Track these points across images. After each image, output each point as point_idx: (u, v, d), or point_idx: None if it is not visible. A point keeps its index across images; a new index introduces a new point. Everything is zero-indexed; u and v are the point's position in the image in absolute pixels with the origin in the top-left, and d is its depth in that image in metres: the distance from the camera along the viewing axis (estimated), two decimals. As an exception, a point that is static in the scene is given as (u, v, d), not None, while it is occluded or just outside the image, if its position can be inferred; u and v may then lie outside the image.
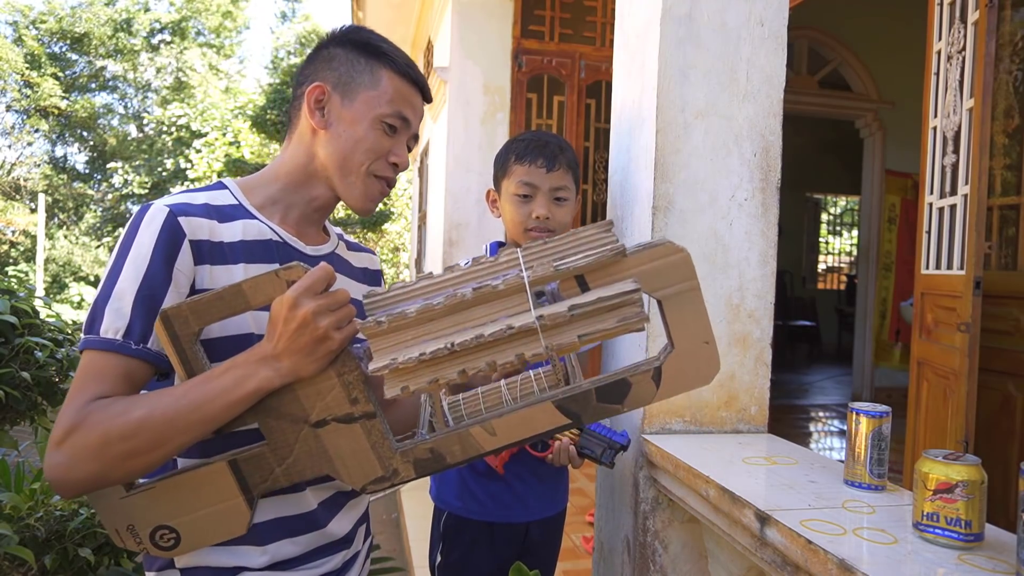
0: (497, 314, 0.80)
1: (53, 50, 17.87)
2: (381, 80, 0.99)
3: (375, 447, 0.86)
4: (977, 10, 2.40)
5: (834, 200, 11.00)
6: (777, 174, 1.54)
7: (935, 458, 0.95)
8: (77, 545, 1.83)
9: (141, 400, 0.82)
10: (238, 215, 0.95)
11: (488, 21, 3.90)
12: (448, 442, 0.85)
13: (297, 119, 1.02)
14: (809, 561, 0.94)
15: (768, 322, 1.54)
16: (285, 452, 0.86)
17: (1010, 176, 2.85)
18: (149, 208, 0.89)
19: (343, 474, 0.86)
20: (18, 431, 2.02)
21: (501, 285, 0.79)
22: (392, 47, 1.02)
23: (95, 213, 17.56)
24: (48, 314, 2.03)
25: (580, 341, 0.79)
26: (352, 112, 0.98)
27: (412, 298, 0.82)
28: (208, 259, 0.89)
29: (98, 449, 0.79)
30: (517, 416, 0.84)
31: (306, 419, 0.85)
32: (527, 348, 0.79)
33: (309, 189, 1.02)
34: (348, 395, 0.85)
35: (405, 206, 11.16)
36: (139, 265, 0.85)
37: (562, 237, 0.82)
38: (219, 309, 0.83)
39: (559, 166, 1.50)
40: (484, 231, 3.85)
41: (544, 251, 0.82)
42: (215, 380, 0.81)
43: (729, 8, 1.50)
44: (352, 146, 0.98)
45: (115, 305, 0.84)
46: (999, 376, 2.63)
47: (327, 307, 0.80)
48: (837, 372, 7.85)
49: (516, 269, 0.81)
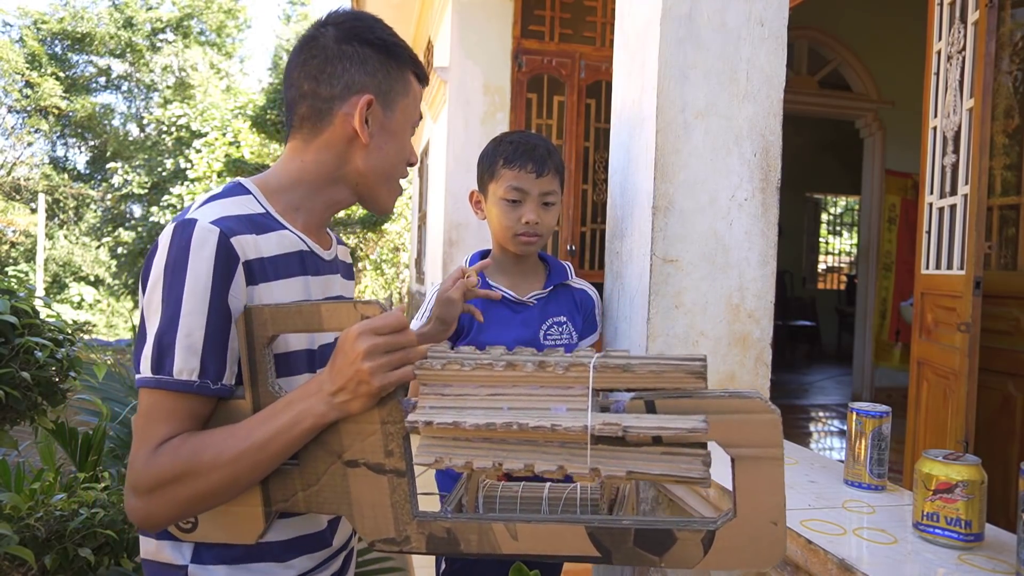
0: (550, 405, 0.75)
1: (54, 50, 17.87)
2: (410, 86, 1.00)
3: (395, 507, 0.83)
4: (977, 10, 2.40)
5: (834, 200, 11.00)
6: (777, 174, 1.54)
7: (935, 458, 0.95)
8: (77, 545, 1.83)
9: (209, 441, 0.81)
10: (270, 225, 0.92)
11: (488, 21, 3.90)
12: (467, 529, 0.81)
13: (326, 123, 0.96)
14: (809, 561, 0.94)
15: (768, 322, 1.54)
16: (311, 479, 0.85)
17: (1010, 176, 2.85)
18: (194, 227, 0.83)
19: (358, 522, 0.85)
20: (18, 431, 2.02)
21: (566, 373, 0.74)
22: (405, 44, 1.01)
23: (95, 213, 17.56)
24: (48, 314, 2.03)
25: (627, 478, 0.73)
26: (394, 123, 0.98)
27: (468, 382, 0.78)
28: (258, 278, 0.87)
29: (172, 493, 0.80)
30: (545, 529, 0.78)
31: (340, 455, 0.84)
32: (570, 463, 0.73)
33: (331, 193, 0.99)
34: (385, 445, 0.83)
35: (405, 206, 11.16)
36: (201, 298, 0.82)
37: (646, 359, 0.74)
38: (295, 323, 0.84)
39: (548, 170, 1.50)
40: (484, 231, 3.83)
41: (621, 374, 0.74)
42: (275, 418, 0.82)
43: (729, 8, 1.50)
44: (394, 159, 0.99)
45: (185, 343, 0.81)
46: (999, 376, 2.63)
47: (381, 348, 0.79)
48: (837, 372, 7.84)
49: (583, 385, 0.74)
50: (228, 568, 0.89)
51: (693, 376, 0.73)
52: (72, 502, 1.93)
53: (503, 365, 0.76)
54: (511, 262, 1.58)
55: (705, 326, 1.50)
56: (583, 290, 1.62)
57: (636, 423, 0.71)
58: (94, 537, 1.85)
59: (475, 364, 0.77)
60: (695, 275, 1.50)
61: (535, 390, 0.75)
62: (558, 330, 1.56)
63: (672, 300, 1.48)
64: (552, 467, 0.73)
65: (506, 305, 1.55)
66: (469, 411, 0.76)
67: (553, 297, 1.57)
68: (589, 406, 0.73)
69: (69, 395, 2.04)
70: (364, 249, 11.33)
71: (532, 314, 1.54)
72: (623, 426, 0.71)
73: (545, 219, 1.51)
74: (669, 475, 0.72)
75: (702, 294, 1.50)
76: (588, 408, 0.73)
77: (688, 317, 1.49)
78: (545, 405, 0.74)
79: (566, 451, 0.74)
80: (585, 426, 0.72)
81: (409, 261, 8.86)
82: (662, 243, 1.48)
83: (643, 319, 1.49)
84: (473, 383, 0.78)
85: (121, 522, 1.91)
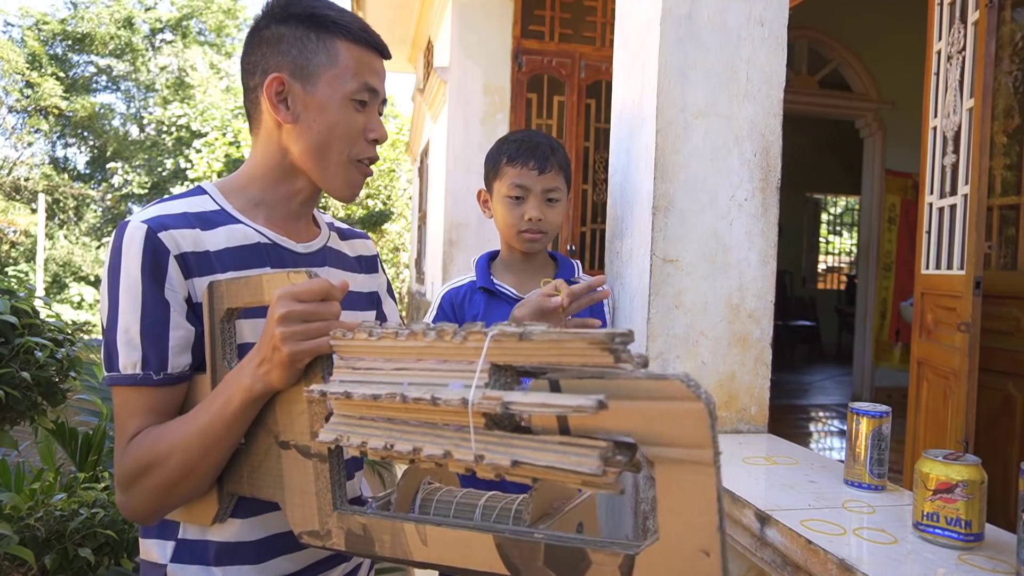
0: (448, 381, 0.65)
1: (54, 51, 17.88)
2: (339, 54, 0.92)
3: (319, 495, 0.78)
4: (977, 10, 2.40)
5: (834, 200, 11.00)
6: (777, 174, 1.54)
7: (935, 458, 0.95)
8: (77, 545, 1.83)
9: (165, 432, 0.83)
10: (220, 220, 0.91)
11: (488, 21, 3.90)
12: (381, 528, 0.74)
13: (258, 114, 0.95)
14: (809, 561, 0.94)
15: (768, 322, 1.54)
16: (254, 461, 0.84)
17: (1010, 176, 2.85)
18: (126, 228, 0.85)
19: (288, 511, 0.81)
20: (18, 431, 2.02)
21: (464, 342, 0.64)
22: (339, 11, 0.94)
23: (95, 213, 17.56)
24: (48, 314, 2.03)
25: (513, 470, 0.60)
26: (317, 98, 0.92)
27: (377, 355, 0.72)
28: (196, 271, 0.86)
29: (142, 485, 0.83)
30: (454, 535, 0.70)
31: (276, 436, 0.82)
32: (458, 448, 0.63)
33: (289, 185, 0.97)
34: (311, 426, 0.79)
35: (405, 206, 11.16)
36: (134, 294, 0.84)
37: (552, 332, 0.61)
38: (243, 295, 0.83)
39: (551, 167, 1.50)
40: (484, 231, 3.85)
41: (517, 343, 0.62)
42: (216, 399, 0.82)
43: (729, 8, 1.50)
44: (327, 135, 0.93)
45: (124, 339, 0.84)
46: (999, 376, 2.63)
47: (298, 315, 0.76)
48: (837, 372, 7.85)
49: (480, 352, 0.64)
50: (203, 569, 0.88)
51: (597, 347, 0.57)
52: (72, 502, 1.93)
53: (406, 334, 0.68)
54: (519, 260, 1.58)
55: (705, 326, 1.50)
56: None
57: (520, 399, 0.59)
58: (94, 537, 1.85)
59: (380, 335, 0.70)
60: (695, 275, 1.50)
61: (438, 365, 0.66)
62: None
63: (672, 300, 1.48)
64: (439, 452, 0.64)
65: (509, 303, 1.55)
66: (367, 384, 0.69)
67: None
68: (475, 378, 0.62)
69: (69, 395, 2.04)
70: (364, 249, 11.33)
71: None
72: (503, 400, 0.59)
73: (549, 216, 1.51)
74: (556, 467, 0.58)
75: (702, 294, 1.50)
76: (474, 382, 0.62)
77: (688, 317, 1.49)
78: (444, 381, 0.65)
79: (458, 436, 0.63)
80: (464, 399, 0.61)
81: (409, 261, 8.86)
82: (662, 243, 1.48)
83: (643, 319, 1.49)
84: (382, 356, 0.71)
85: (121, 522, 1.91)
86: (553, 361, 0.60)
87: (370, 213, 10.89)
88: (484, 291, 1.56)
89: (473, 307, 1.56)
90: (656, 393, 0.56)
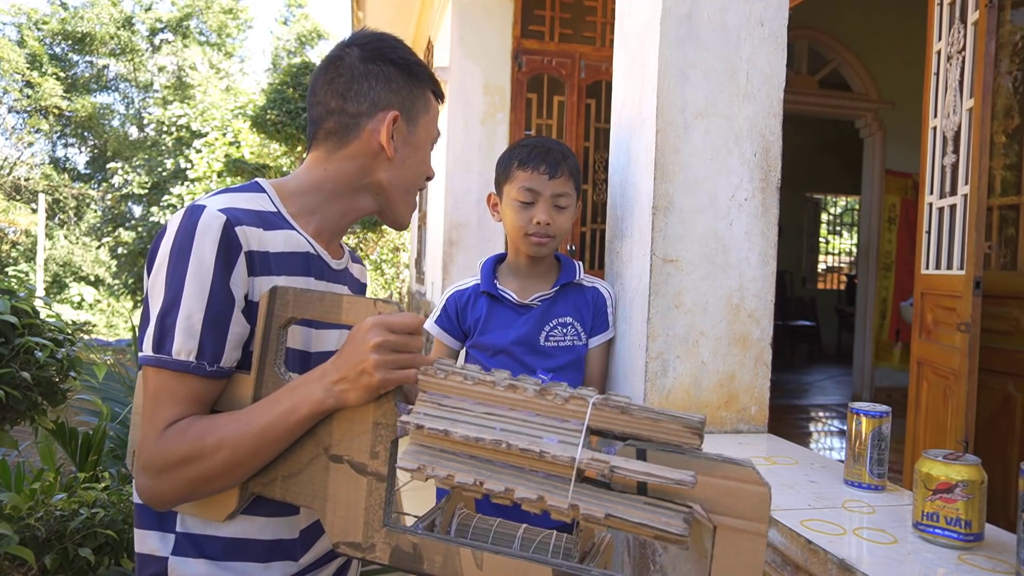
0: (543, 434, 0.74)
1: (55, 51, 17.88)
2: (430, 103, 1.05)
3: (368, 511, 0.82)
4: (977, 10, 2.40)
5: (834, 200, 11.00)
6: (777, 174, 1.54)
7: (935, 458, 0.95)
8: (77, 545, 1.83)
9: (214, 426, 0.83)
10: (278, 223, 0.94)
11: (488, 21, 3.90)
12: (434, 549, 0.79)
13: (351, 136, 1.00)
14: (809, 561, 0.94)
15: (768, 322, 1.54)
16: (294, 467, 0.85)
17: (1010, 176, 2.85)
18: (202, 213, 0.86)
19: (328, 519, 0.84)
20: (18, 431, 2.02)
21: (565, 404, 0.73)
22: (423, 63, 1.05)
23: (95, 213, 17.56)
24: (48, 314, 2.03)
25: (605, 521, 0.70)
26: (416, 139, 1.03)
27: (467, 396, 0.78)
28: (259, 270, 0.89)
29: (179, 474, 0.83)
30: (512, 564, 0.76)
31: (327, 448, 0.84)
32: (551, 495, 0.72)
33: (351, 202, 1.03)
34: (372, 446, 0.82)
35: (405, 206, 11.12)
36: (202, 282, 0.84)
37: (646, 407, 0.73)
38: (316, 309, 0.85)
39: (561, 173, 1.51)
40: (484, 231, 3.85)
41: (618, 415, 0.73)
42: (277, 404, 0.83)
43: (729, 8, 1.50)
44: (415, 171, 1.04)
45: (184, 324, 0.83)
46: (999, 376, 2.63)
47: (391, 345, 0.80)
48: (837, 372, 7.84)
49: (579, 420, 0.73)
50: (208, 563, 0.89)
51: (689, 431, 0.70)
52: (72, 502, 1.93)
53: (505, 385, 0.76)
54: (525, 264, 1.58)
55: (705, 326, 1.50)
56: (595, 288, 1.62)
57: (624, 465, 0.69)
58: (94, 537, 1.85)
59: (477, 380, 0.77)
60: (695, 275, 1.50)
61: (531, 417, 0.75)
62: (562, 331, 1.55)
63: (672, 300, 1.48)
64: (532, 496, 0.72)
65: (510, 307, 1.55)
66: (462, 423, 0.76)
67: (560, 297, 1.57)
68: (582, 440, 0.72)
69: (69, 395, 2.04)
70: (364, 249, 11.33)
71: (534, 316, 1.55)
72: (611, 464, 0.69)
73: (557, 221, 1.52)
74: (648, 526, 0.69)
75: (702, 294, 1.50)
76: (580, 442, 0.71)
77: (688, 317, 1.49)
78: (538, 433, 0.74)
79: (549, 483, 0.72)
80: (573, 458, 0.70)
81: (409, 261, 8.86)
82: (662, 243, 1.48)
83: (643, 319, 1.49)
84: (472, 398, 0.77)
85: (121, 522, 1.91)
86: (644, 434, 0.72)
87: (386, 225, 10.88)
88: (487, 295, 1.56)
89: (476, 311, 1.57)
90: (731, 474, 0.70)
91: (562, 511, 0.71)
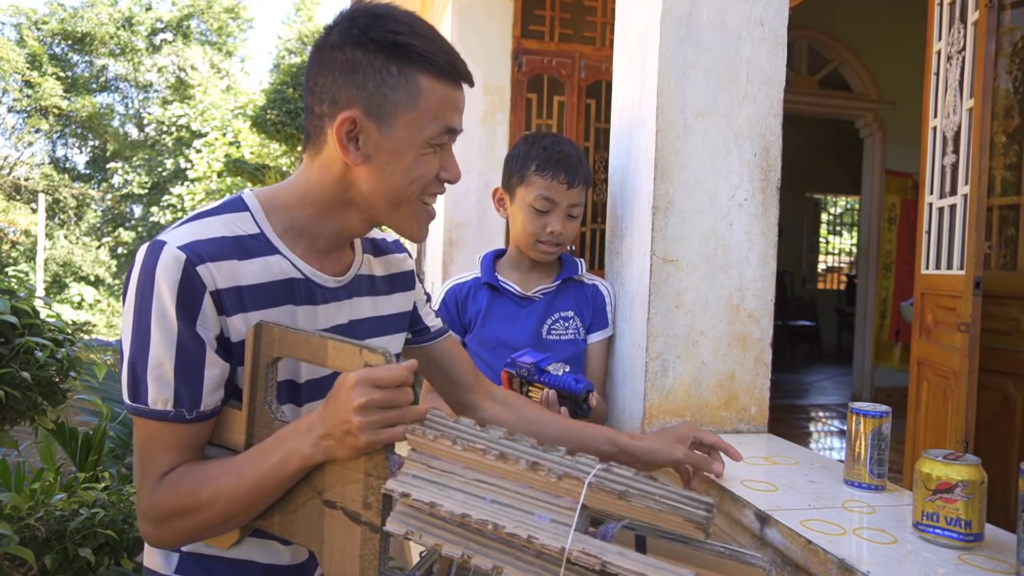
0: (535, 510, 0.70)
1: (54, 51, 17.87)
2: (420, 93, 0.84)
3: (363, 559, 0.80)
4: (977, 10, 2.40)
5: (834, 200, 11.00)
6: (777, 174, 1.54)
7: (935, 458, 0.95)
8: (77, 545, 1.83)
9: (206, 479, 0.81)
10: (258, 250, 0.85)
11: (488, 21, 3.90)
12: None
13: (320, 139, 0.87)
14: (809, 561, 0.94)
15: (768, 322, 1.54)
16: (291, 506, 0.85)
17: (1010, 176, 2.85)
18: (161, 251, 0.79)
19: (325, 561, 0.83)
20: (18, 431, 2.02)
21: (559, 482, 0.69)
22: (424, 40, 0.85)
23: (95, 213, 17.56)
24: (48, 314, 2.03)
25: None
26: (393, 142, 0.85)
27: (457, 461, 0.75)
28: (229, 309, 0.82)
29: (177, 525, 0.82)
30: None
31: (320, 492, 0.83)
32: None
33: (341, 218, 0.91)
34: (364, 496, 0.80)
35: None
36: (167, 328, 0.79)
37: (648, 491, 0.67)
38: (301, 351, 0.82)
39: (579, 183, 1.52)
40: (484, 231, 3.85)
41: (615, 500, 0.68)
42: (267, 457, 0.81)
43: (729, 8, 1.50)
44: (400, 179, 0.87)
45: (155, 374, 0.79)
46: (999, 376, 2.63)
47: (376, 403, 0.75)
48: (837, 372, 7.84)
49: (573, 499, 0.69)
50: None
51: (692, 525, 0.65)
52: (72, 502, 1.93)
53: (495, 455, 0.72)
54: (526, 263, 1.59)
55: (705, 326, 1.50)
56: (594, 285, 1.62)
57: (618, 560, 0.63)
58: (94, 537, 1.85)
59: (466, 446, 0.74)
60: (695, 275, 1.50)
61: (524, 489, 0.71)
62: (563, 325, 1.56)
63: (672, 300, 1.48)
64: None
65: (511, 299, 1.56)
66: (452, 491, 0.73)
67: (561, 291, 1.58)
68: (573, 526, 0.67)
69: (69, 395, 2.04)
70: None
71: (537, 308, 1.55)
72: (602, 560, 0.64)
73: (568, 230, 1.53)
74: None
75: (702, 294, 1.50)
76: (572, 528, 0.67)
77: (688, 317, 1.49)
78: (530, 508, 0.69)
79: (540, 563, 0.68)
80: (563, 548, 0.65)
81: (409, 261, 8.85)
82: (662, 243, 1.48)
83: (643, 319, 1.49)
84: (462, 463, 0.74)
85: (121, 522, 1.91)
86: (645, 521, 0.67)
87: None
88: (488, 287, 1.56)
89: (476, 303, 1.56)
90: (738, 574, 0.65)
91: None
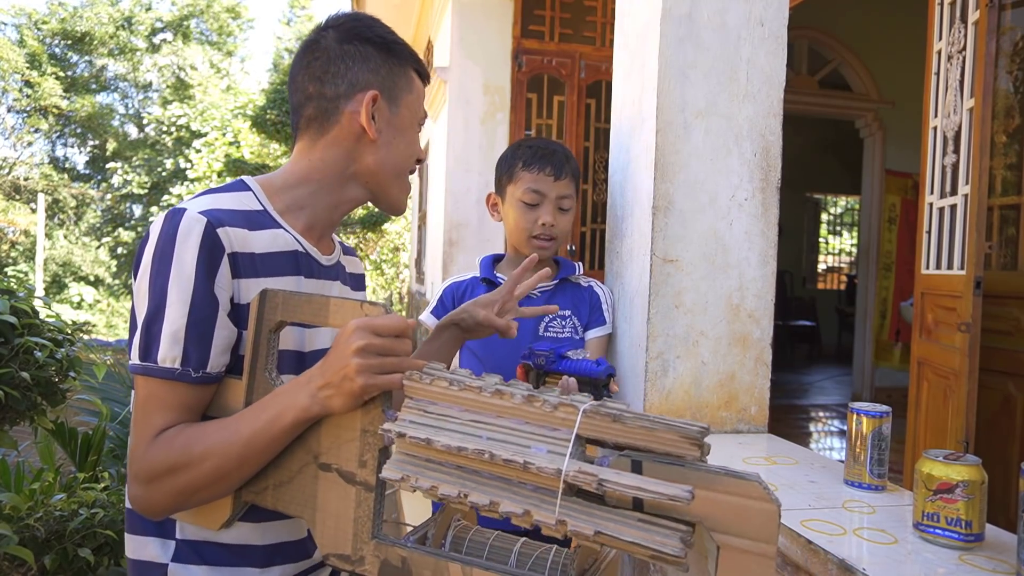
0: (531, 443, 0.69)
1: (54, 50, 17.87)
2: (413, 82, 1.01)
3: (357, 522, 0.79)
4: (977, 10, 2.40)
5: (834, 200, 11.00)
6: (777, 174, 1.54)
7: (935, 458, 0.95)
8: (77, 545, 1.83)
9: (201, 434, 0.82)
10: (264, 223, 0.92)
11: (488, 21, 3.90)
12: (423, 563, 0.76)
13: (333, 120, 0.97)
14: (809, 561, 0.94)
15: (768, 322, 1.54)
16: (284, 476, 0.84)
17: (1010, 176, 2.85)
18: (182, 216, 0.84)
19: (318, 530, 0.82)
20: (18, 431, 2.02)
21: (554, 411, 0.69)
22: (404, 41, 1.02)
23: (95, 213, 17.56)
24: (48, 314, 2.03)
25: (594, 539, 0.65)
26: (400, 119, 1.00)
27: (453, 403, 0.75)
28: (243, 272, 0.87)
29: (167, 484, 0.81)
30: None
31: (317, 455, 0.82)
32: (538, 509, 0.67)
33: (341, 193, 1.00)
34: (360, 454, 0.80)
35: (405, 206, 11.11)
36: (185, 287, 0.82)
37: (641, 415, 0.67)
38: (305, 312, 0.83)
39: (565, 174, 1.52)
40: (484, 231, 3.85)
41: (611, 424, 0.68)
42: (263, 412, 0.81)
43: (729, 8, 1.50)
44: (403, 153, 1.00)
45: (169, 331, 0.82)
46: (999, 376, 2.63)
47: (375, 348, 0.77)
48: (837, 372, 7.84)
49: (569, 428, 0.68)
50: (208, 569, 0.88)
51: (687, 442, 0.64)
52: (72, 502, 1.93)
53: (491, 392, 0.72)
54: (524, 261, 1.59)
55: (705, 326, 1.50)
56: (590, 286, 1.63)
57: (614, 478, 0.64)
58: (94, 537, 1.85)
59: (463, 385, 0.74)
60: (695, 275, 1.49)
61: (520, 425, 0.71)
62: (560, 323, 1.56)
63: (672, 300, 1.48)
64: (518, 510, 0.67)
65: None
66: (447, 432, 0.72)
67: (559, 291, 1.58)
68: (569, 450, 0.67)
69: (69, 395, 2.04)
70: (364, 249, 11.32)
71: (534, 305, 1.55)
72: (599, 478, 0.64)
73: (561, 223, 1.53)
74: (640, 544, 0.62)
75: (702, 294, 1.50)
76: (568, 453, 0.67)
77: (688, 317, 1.49)
78: (527, 443, 0.69)
79: (537, 496, 0.68)
80: (559, 470, 0.65)
81: (409, 261, 8.86)
82: (662, 243, 1.48)
83: (643, 319, 1.49)
84: (459, 405, 0.74)
85: (120, 522, 1.91)
86: (640, 444, 0.66)
87: (370, 213, 10.89)
88: (487, 283, 1.56)
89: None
90: (735, 489, 0.63)
91: (549, 526, 0.66)
